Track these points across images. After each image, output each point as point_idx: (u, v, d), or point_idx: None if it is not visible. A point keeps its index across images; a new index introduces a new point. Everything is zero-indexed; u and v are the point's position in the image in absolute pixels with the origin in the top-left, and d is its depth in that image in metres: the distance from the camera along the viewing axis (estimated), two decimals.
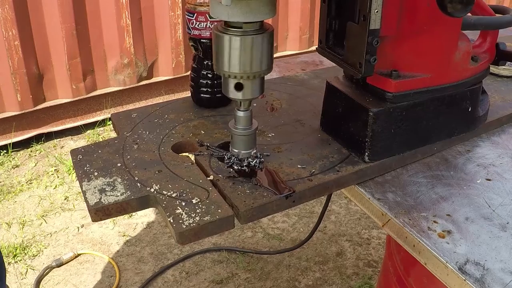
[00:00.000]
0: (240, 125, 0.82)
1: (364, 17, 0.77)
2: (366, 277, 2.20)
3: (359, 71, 0.81)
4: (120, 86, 3.27)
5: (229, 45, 0.73)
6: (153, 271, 2.19)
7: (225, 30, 0.74)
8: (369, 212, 0.83)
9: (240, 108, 0.81)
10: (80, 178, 0.80)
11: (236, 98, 0.79)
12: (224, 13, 0.70)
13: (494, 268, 0.68)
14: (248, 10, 0.69)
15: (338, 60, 0.87)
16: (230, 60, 0.74)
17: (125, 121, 0.98)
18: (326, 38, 0.90)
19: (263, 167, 0.83)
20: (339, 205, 2.67)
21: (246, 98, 0.79)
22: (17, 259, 2.23)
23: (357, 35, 0.80)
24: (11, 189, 2.71)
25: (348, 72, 0.86)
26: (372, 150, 0.86)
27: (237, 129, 0.82)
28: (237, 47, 0.73)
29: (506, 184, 0.87)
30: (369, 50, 0.78)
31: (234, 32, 0.73)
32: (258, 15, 0.70)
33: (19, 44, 2.79)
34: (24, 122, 3.03)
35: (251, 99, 0.80)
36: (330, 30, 0.89)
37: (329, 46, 0.90)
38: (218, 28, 0.75)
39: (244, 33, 0.73)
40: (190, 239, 0.71)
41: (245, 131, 0.82)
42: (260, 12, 0.70)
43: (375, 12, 0.76)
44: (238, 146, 0.84)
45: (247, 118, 0.82)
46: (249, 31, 0.73)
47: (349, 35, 0.83)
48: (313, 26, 3.88)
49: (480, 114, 0.99)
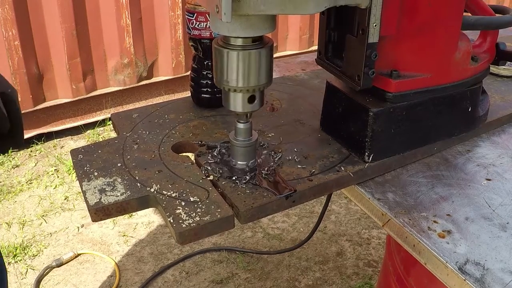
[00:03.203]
0: (240, 136, 0.82)
1: (363, 30, 0.77)
2: (366, 277, 2.20)
3: (357, 83, 0.82)
4: (120, 86, 3.27)
5: (248, 60, 0.73)
6: (153, 271, 2.19)
7: (226, 45, 0.74)
8: (369, 212, 0.83)
9: (241, 120, 0.81)
10: (80, 178, 0.80)
11: (246, 111, 0.79)
12: (224, 28, 0.70)
13: (494, 268, 0.68)
14: (248, 25, 0.69)
15: (337, 72, 0.88)
16: (245, 74, 0.74)
17: (125, 121, 0.98)
18: (325, 50, 0.91)
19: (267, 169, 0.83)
20: (339, 205, 2.67)
21: (255, 109, 0.79)
22: (17, 259, 2.23)
23: (356, 48, 0.80)
24: (11, 189, 2.71)
25: (347, 84, 0.87)
26: (372, 150, 0.86)
27: (237, 141, 0.82)
28: (254, 61, 0.73)
29: (506, 184, 0.87)
30: (368, 63, 0.79)
31: (234, 47, 0.73)
32: (259, 30, 0.71)
33: (19, 44, 2.79)
34: (24, 122, 3.03)
35: (251, 112, 0.80)
36: (329, 42, 0.90)
37: (328, 57, 0.91)
38: (218, 42, 0.75)
39: (244, 47, 0.73)
40: (190, 239, 0.71)
41: (245, 143, 0.82)
42: (260, 27, 0.70)
43: (374, 26, 0.76)
44: (239, 158, 0.84)
45: (248, 130, 0.82)
46: (252, 46, 0.73)
47: (348, 48, 0.83)
48: (313, 26, 3.88)
49: (480, 114, 0.99)
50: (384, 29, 0.78)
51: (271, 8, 0.66)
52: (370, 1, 0.74)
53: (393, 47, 0.84)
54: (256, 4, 0.65)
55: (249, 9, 0.65)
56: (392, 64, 0.86)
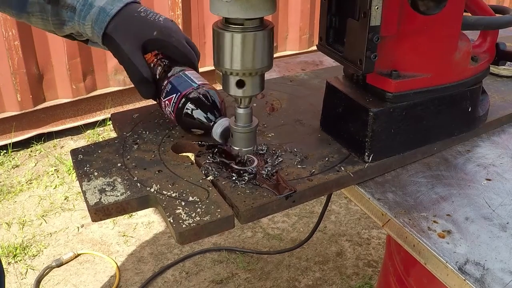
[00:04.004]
0: (240, 122, 0.82)
1: (365, 13, 0.76)
2: (366, 277, 2.20)
3: (359, 68, 0.81)
4: (120, 86, 3.27)
5: (230, 42, 0.73)
6: (153, 271, 2.19)
7: (226, 27, 0.74)
8: (369, 212, 0.83)
9: (240, 105, 0.81)
10: (80, 178, 0.80)
11: (237, 95, 0.79)
12: (224, 9, 0.70)
13: (494, 268, 0.68)
14: (248, 6, 0.69)
15: (338, 57, 0.87)
16: (231, 57, 0.74)
17: (125, 121, 0.98)
18: (326, 35, 0.90)
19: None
20: (339, 205, 2.67)
21: (246, 95, 0.79)
22: (17, 259, 2.23)
23: (357, 31, 0.79)
24: (11, 189, 2.71)
25: (349, 69, 0.86)
26: (372, 150, 0.86)
27: (237, 127, 0.82)
28: (239, 44, 0.73)
29: (506, 184, 0.87)
30: (370, 47, 0.78)
31: (234, 29, 0.73)
32: (259, 11, 0.70)
33: (19, 44, 2.79)
34: (24, 122, 3.03)
35: (251, 96, 0.80)
36: (330, 27, 0.89)
37: (329, 43, 0.90)
38: (218, 25, 0.75)
39: (245, 29, 0.72)
40: (190, 239, 0.71)
41: (245, 129, 0.82)
42: (260, 8, 0.70)
43: (376, 9, 0.75)
44: (239, 144, 0.84)
45: (248, 115, 0.82)
46: (251, 28, 0.73)
47: (349, 32, 0.82)
48: (313, 26, 3.88)
49: (480, 114, 0.99)
50: (384, 29, 0.78)
51: None
52: None
53: (393, 47, 0.84)
54: None
55: None
56: (392, 64, 0.86)
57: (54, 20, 0.94)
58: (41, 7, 0.93)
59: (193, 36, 3.43)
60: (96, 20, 0.90)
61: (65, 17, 0.93)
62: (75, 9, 0.92)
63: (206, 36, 3.47)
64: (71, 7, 0.92)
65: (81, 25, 0.93)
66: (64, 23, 0.94)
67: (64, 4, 0.92)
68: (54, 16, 0.93)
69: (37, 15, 0.95)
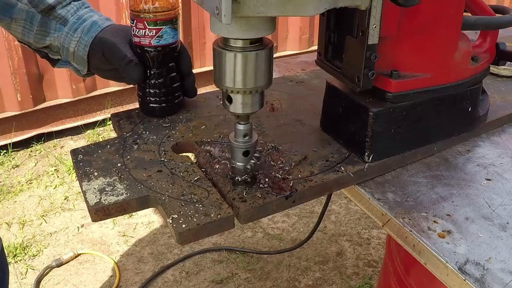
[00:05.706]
0: (238, 138, 0.81)
1: (363, 32, 0.77)
2: (366, 277, 2.20)
3: (357, 85, 0.82)
4: (120, 86, 3.27)
5: (233, 61, 0.72)
6: (153, 271, 2.19)
7: (226, 46, 0.73)
8: (369, 212, 0.83)
9: (240, 121, 0.80)
10: (80, 178, 0.80)
11: (235, 112, 0.78)
12: (224, 30, 0.69)
13: (494, 268, 0.68)
14: (248, 28, 0.69)
15: (337, 73, 0.88)
16: (234, 76, 0.73)
17: (125, 121, 0.98)
18: (325, 51, 0.91)
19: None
20: (339, 205, 2.67)
21: (245, 112, 0.78)
22: (17, 259, 2.24)
23: (355, 49, 0.80)
24: (11, 189, 2.72)
25: (347, 85, 0.86)
26: (372, 150, 0.86)
27: (237, 142, 0.82)
28: (239, 63, 0.72)
29: (506, 184, 0.87)
30: (367, 65, 0.79)
31: (235, 49, 0.72)
32: (259, 31, 0.70)
33: (19, 44, 2.79)
34: (24, 122, 3.03)
35: (250, 113, 0.79)
36: (329, 43, 0.90)
37: (328, 58, 0.91)
38: (218, 43, 0.74)
39: (244, 49, 0.71)
40: (190, 239, 0.71)
41: (245, 144, 0.82)
42: (260, 28, 0.69)
43: (374, 27, 0.76)
44: (238, 159, 0.83)
45: (244, 132, 0.81)
46: (251, 47, 0.72)
47: (347, 49, 0.83)
48: (313, 26, 3.88)
49: (480, 114, 0.99)
50: (384, 30, 0.78)
51: (271, 10, 0.66)
52: (370, 3, 0.74)
53: (393, 47, 0.84)
54: (255, 6, 0.65)
55: (249, 11, 0.65)
56: (392, 64, 0.86)
57: (39, 30, 0.97)
58: (28, 15, 0.96)
59: (193, 36, 3.43)
60: (87, 31, 0.96)
61: (52, 28, 0.97)
62: (67, 21, 0.97)
63: (206, 36, 3.47)
64: (64, 19, 0.97)
65: (68, 37, 0.97)
66: (48, 34, 0.98)
67: (57, 15, 0.96)
68: (40, 26, 0.97)
69: (20, 22, 0.98)
